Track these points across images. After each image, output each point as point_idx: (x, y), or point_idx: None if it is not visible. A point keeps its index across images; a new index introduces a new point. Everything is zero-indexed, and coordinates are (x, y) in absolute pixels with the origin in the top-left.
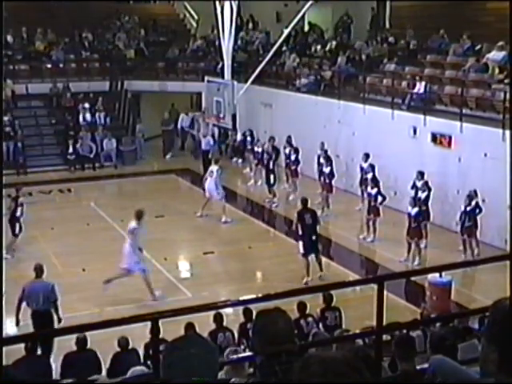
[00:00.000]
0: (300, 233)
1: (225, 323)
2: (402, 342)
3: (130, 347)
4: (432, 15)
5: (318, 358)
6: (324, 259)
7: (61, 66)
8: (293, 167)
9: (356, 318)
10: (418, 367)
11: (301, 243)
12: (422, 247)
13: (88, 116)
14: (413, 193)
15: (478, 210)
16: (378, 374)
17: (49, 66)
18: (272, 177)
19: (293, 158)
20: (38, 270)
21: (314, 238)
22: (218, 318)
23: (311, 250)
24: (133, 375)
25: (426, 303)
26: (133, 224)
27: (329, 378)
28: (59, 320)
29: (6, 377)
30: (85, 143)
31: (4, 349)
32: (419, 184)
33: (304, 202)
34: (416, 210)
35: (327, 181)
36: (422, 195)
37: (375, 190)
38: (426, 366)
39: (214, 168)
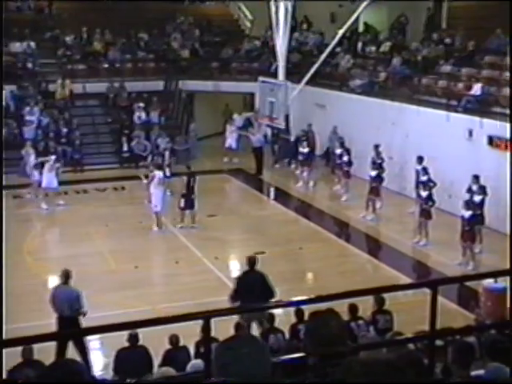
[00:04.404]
0: (184, 192)
1: (275, 324)
2: (462, 348)
3: (181, 345)
4: (490, 15)
5: (360, 361)
6: (375, 261)
7: (117, 65)
8: (345, 168)
9: (407, 322)
10: (472, 374)
11: (182, 200)
12: (476, 252)
13: (143, 115)
14: (468, 196)
15: None
16: (430, 379)
17: (105, 65)
18: None
19: (345, 159)
20: (64, 277)
21: (192, 196)
22: (270, 319)
23: (190, 206)
24: (193, 369)
25: (480, 309)
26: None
27: (372, 378)
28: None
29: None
30: (139, 142)
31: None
32: (475, 188)
33: (188, 167)
34: (470, 213)
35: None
36: (476, 199)
37: (426, 192)
38: (480, 372)
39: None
